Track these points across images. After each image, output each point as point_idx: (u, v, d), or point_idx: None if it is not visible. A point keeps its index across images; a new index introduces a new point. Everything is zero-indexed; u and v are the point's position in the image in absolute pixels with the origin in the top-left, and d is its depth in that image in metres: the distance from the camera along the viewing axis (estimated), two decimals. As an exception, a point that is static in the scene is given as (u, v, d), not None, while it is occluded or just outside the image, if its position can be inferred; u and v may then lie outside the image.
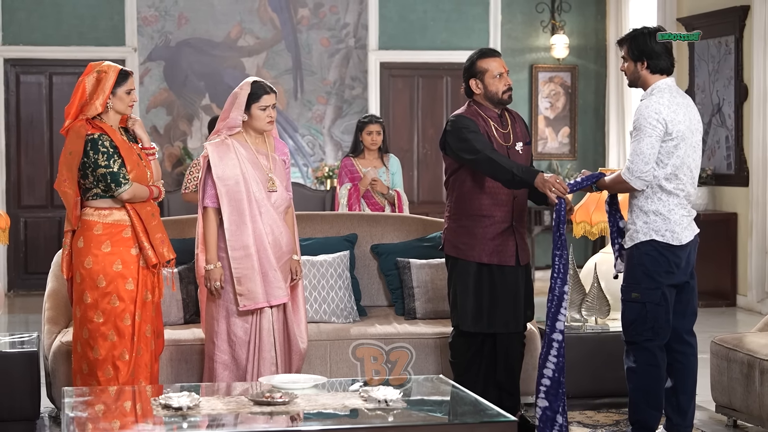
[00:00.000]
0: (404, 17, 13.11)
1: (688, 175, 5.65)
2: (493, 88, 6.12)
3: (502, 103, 6.15)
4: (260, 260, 5.95)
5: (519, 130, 6.20)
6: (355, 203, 8.39)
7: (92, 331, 5.73)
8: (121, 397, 5.17)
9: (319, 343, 6.52)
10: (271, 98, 5.99)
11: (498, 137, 6.10)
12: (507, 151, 6.09)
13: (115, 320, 5.72)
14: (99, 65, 5.80)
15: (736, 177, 11.23)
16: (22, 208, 12.57)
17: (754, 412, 6.07)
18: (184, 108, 12.77)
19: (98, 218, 5.75)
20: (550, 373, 5.76)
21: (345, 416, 4.71)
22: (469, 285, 6.10)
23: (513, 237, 6.11)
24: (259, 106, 5.97)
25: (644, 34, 5.71)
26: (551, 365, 5.75)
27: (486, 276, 6.09)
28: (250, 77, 6.13)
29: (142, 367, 5.78)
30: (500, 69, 6.13)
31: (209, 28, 12.78)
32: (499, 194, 6.07)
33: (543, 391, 5.77)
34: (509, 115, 6.24)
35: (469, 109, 6.17)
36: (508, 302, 6.09)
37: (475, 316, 6.08)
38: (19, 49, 12.47)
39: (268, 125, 6.02)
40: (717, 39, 11.47)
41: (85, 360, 5.77)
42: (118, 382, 5.67)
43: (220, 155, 5.96)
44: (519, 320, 6.14)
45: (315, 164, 12.97)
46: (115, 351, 5.72)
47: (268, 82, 6.06)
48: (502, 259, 6.08)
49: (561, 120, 13.52)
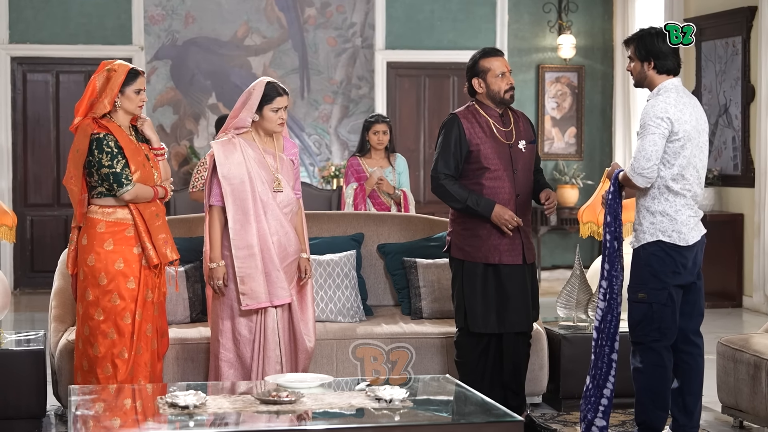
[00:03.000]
0: (411, 17, 13.11)
1: (694, 176, 5.64)
2: (495, 87, 6.13)
3: (504, 103, 6.16)
4: (264, 260, 5.95)
5: (522, 129, 6.21)
6: (361, 203, 8.39)
7: (93, 329, 5.74)
8: (128, 395, 5.17)
9: (326, 343, 6.52)
10: (284, 100, 5.97)
11: (499, 136, 6.11)
12: (509, 150, 6.10)
13: (115, 318, 5.72)
14: (111, 63, 5.80)
15: (742, 178, 11.22)
16: (29, 207, 12.58)
17: (760, 413, 6.06)
18: (191, 107, 12.78)
19: (102, 216, 5.76)
20: (608, 393, 5.72)
21: (351, 416, 4.71)
22: (477, 286, 6.10)
23: (519, 236, 6.11)
24: (272, 108, 5.96)
25: (651, 34, 5.70)
26: (611, 385, 5.72)
27: (493, 276, 6.10)
28: (264, 77, 6.10)
29: (142, 366, 5.78)
30: (503, 68, 6.13)
31: (216, 27, 12.79)
32: (499, 194, 6.08)
33: (602, 410, 5.73)
34: (512, 113, 6.24)
35: (466, 110, 6.22)
36: (517, 302, 6.09)
37: (485, 316, 6.08)
38: (26, 48, 12.48)
39: (278, 127, 6.01)
40: (724, 40, 11.46)
41: (86, 357, 5.79)
42: (117, 380, 5.67)
43: (226, 154, 5.95)
44: (527, 319, 6.14)
45: (321, 164, 12.97)
46: (115, 349, 5.72)
47: (281, 84, 6.04)
48: (509, 259, 6.08)
49: (567, 120, 13.51)
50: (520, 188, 6.13)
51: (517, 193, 6.11)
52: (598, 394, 5.72)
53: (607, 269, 5.71)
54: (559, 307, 7.08)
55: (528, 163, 6.18)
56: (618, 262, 5.71)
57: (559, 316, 7.14)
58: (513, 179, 6.11)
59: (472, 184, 6.10)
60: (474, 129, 6.12)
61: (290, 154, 6.12)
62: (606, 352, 5.71)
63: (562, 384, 6.73)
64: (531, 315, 6.17)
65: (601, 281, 5.74)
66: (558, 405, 6.80)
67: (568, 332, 6.81)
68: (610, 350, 5.71)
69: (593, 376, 5.74)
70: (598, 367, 5.73)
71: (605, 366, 5.71)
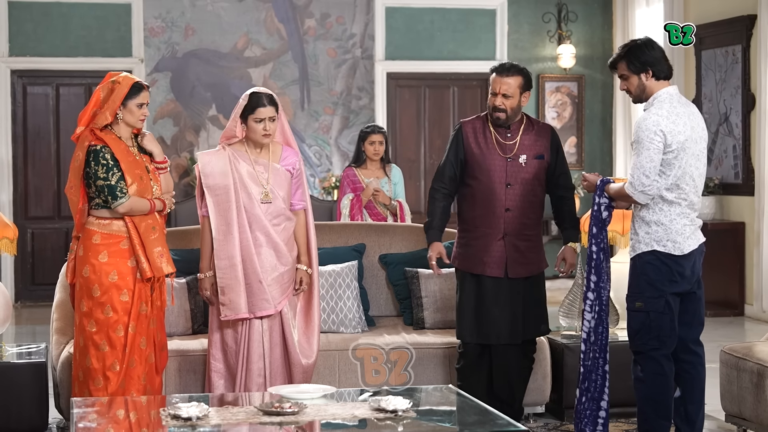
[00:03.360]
0: (411, 27, 13.12)
1: (690, 185, 5.62)
2: (490, 104, 6.18)
3: (494, 121, 6.15)
4: (246, 271, 5.94)
5: (530, 143, 6.17)
6: (357, 214, 8.38)
7: (86, 340, 5.74)
8: (130, 408, 5.15)
9: (328, 353, 6.50)
10: (268, 111, 5.91)
11: (498, 148, 6.11)
12: (506, 163, 6.09)
13: (107, 330, 5.71)
14: (117, 75, 5.80)
15: (743, 186, 11.21)
16: (29, 219, 12.58)
17: (764, 421, 6.05)
18: (191, 119, 12.78)
19: (98, 227, 5.75)
20: (605, 404, 5.72)
21: (354, 426, 4.70)
22: (464, 295, 6.18)
23: (503, 250, 6.10)
24: (255, 118, 5.92)
25: (639, 45, 5.68)
26: (606, 397, 5.72)
27: (476, 287, 6.14)
28: (253, 88, 6.11)
29: (135, 379, 5.76)
30: (495, 88, 6.15)
31: (216, 39, 12.80)
32: (488, 207, 6.10)
33: (601, 423, 5.72)
34: (528, 126, 6.21)
35: (475, 118, 6.29)
36: (499, 314, 6.09)
37: (470, 326, 6.13)
38: (26, 61, 12.49)
39: (263, 138, 5.95)
40: (724, 48, 11.46)
41: (81, 367, 5.78)
42: (107, 393, 5.66)
43: (211, 165, 5.97)
44: (515, 333, 6.13)
45: (322, 174, 12.97)
46: (107, 361, 5.71)
47: (270, 94, 5.98)
48: (491, 271, 6.10)
49: (568, 130, 13.51)
50: (512, 203, 6.10)
51: (507, 207, 6.10)
52: (595, 407, 5.72)
53: (594, 281, 5.71)
54: (561, 317, 7.07)
55: (529, 178, 6.14)
56: (605, 273, 5.71)
57: (561, 326, 7.13)
58: (504, 193, 6.10)
59: (466, 194, 6.18)
60: (475, 138, 6.14)
61: (287, 165, 6.07)
62: (600, 364, 5.72)
63: (565, 394, 6.71)
64: (521, 329, 6.15)
65: (588, 293, 5.73)
66: (561, 415, 6.79)
67: (570, 342, 6.80)
68: (603, 362, 5.71)
69: (586, 389, 5.73)
70: (592, 379, 5.72)
71: (600, 378, 5.72)
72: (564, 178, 6.27)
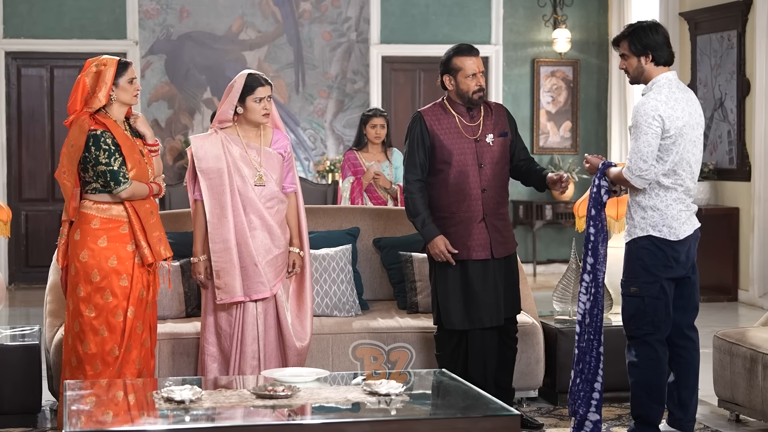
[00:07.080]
0: (406, 11, 13.09)
1: (687, 171, 5.62)
2: (464, 87, 6.14)
3: (473, 103, 6.14)
4: (241, 255, 5.94)
5: (492, 123, 6.18)
6: (357, 197, 8.38)
7: (83, 325, 5.71)
8: (123, 390, 5.15)
9: (322, 337, 6.51)
10: (266, 90, 5.98)
11: (464, 131, 6.11)
12: (474, 145, 6.08)
13: (107, 315, 5.70)
14: (97, 59, 5.78)
15: (738, 172, 11.22)
16: (23, 202, 12.56)
17: (756, 406, 6.06)
18: (186, 101, 12.76)
19: (96, 212, 5.73)
20: (599, 386, 5.72)
21: (347, 410, 4.70)
22: (448, 282, 6.12)
23: (486, 231, 6.09)
24: (254, 98, 5.96)
25: (644, 27, 5.67)
26: (600, 378, 5.72)
27: (461, 272, 6.09)
28: (245, 70, 6.13)
29: (130, 363, 5.76)
30: (474, 69, 6.12)
31: (211, 22, 12.77)
32: (464, 190, 6.07)
33: (594, 405, 5.72)
34: (485, 107, 6.21)
35: (433, 106, 6.26)
36: (486, 297, 6.07)
37: (455, 313, 6.08)
38: (21, 42, 12.46)
39: (263, 118, 6.00)
40: (719, 33, 11.45)
41: (75, 353, 5.76)
42: (105, 377, 5.65)
43: (204, 149, 5.97)
44: (497, 314, 6.11)
45: (317, 158, 12.96)
46: (106, 346, 5.70)
47: (263, 74, 6.06)
48: (476, 254, 6.07)
49: (563, 114, 13.50)
50: (486, 183, 6.10)
51: (483, 188, 6.09)
52: (588, 389, 5.72)
53: (591, 263, 5.70)
54: (555, 301, 7.08)
55: (498, 157, 6.15)
56: (602, 256, 5.70)
57: (554, 310, 7.13)
58: (479, 174, 6.09)
59: (437, 181, 6.11)
60: (438, 124, 6.12)
61: (278, 148, 6.09)
62: (595, 346, 5.71)
63: (558, 378, 6.72)
64: (502, 309, 6.14)
65: (584, 275, 5.73)
66: (554, 399, 6.80)
67: (563, 326, 6.80)
68: (598, 344, 5.71)
69: (581, 371, 5.73)
70: (587, 361, 5.72)
71: (594, 360, 5.71)
72: (524, 151, 6.33)
